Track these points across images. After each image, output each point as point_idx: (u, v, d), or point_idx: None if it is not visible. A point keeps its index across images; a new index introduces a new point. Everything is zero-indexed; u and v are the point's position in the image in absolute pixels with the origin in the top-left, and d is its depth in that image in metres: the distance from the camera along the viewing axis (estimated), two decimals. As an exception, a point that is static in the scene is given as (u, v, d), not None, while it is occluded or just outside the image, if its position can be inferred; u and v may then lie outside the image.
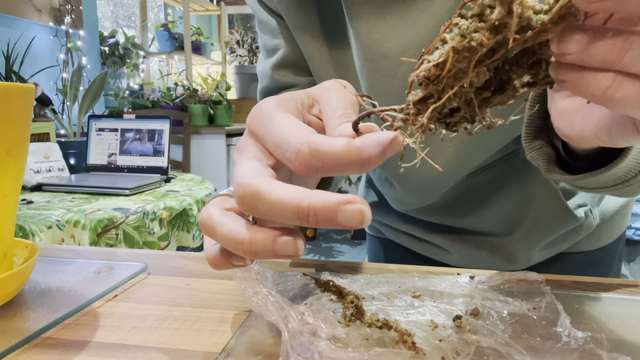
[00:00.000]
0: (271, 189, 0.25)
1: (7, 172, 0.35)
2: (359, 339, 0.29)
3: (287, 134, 0.26)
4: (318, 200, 0.23)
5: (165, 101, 2.83)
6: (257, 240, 0.25)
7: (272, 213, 0.25)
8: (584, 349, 0.28)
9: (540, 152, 0.39)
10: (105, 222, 1.22)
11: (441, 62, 0.23)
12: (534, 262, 0.61)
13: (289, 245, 0.25)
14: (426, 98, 0.24)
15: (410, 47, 0.47)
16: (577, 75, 0.22)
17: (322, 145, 0.24)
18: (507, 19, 0.21)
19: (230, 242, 0.26)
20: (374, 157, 0.24)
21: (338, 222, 0.23)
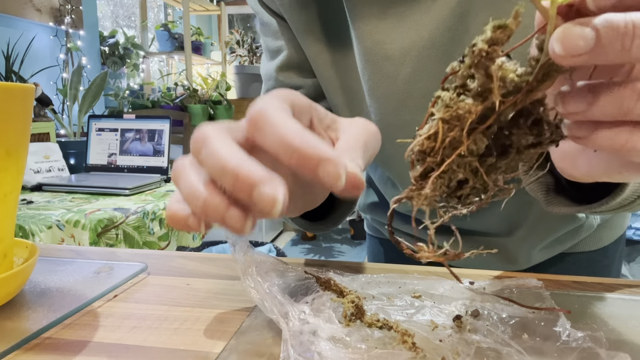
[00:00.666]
0: (218, 140, 0.25)
1: (7, 172, 0.35)
2: (359, 339, 0.29)
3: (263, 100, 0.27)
4: (245, 168, 0.23)
5: (165, 101, 2.83)
6: (213, 202, 0.25)
7: (208, 160, 0.25)
8: (583, 348, 0.28)
9: (539, 183, 0.39)
10: (105, 222, 1.22)
11: (432, 133, 0.23)
12: (535, 262, 0.61)
13: (239, 220, 0.25)
14: (426, 172, 0.24)
15: (412, 49, 0.46)
16: (591, 132, 0.22)
17: (275, 113, 0.25)
18: (489, 84, 0.22)
19: (188, 194, 0.26)
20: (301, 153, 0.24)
21: (252, 199, 0.23)
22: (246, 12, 4.23)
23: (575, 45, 0.20)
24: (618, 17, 0.19)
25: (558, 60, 0.21)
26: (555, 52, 0.20)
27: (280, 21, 0.56)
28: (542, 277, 0.41)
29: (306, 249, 3.44)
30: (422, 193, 0.24)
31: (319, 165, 0.24)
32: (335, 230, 3.93)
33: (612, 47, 0.19)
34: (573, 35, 0.20)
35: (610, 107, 0.21)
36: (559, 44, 0.20)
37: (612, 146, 0.21)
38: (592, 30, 0.19)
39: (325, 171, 0.23)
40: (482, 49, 0.21)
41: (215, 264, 0.48)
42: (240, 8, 4.08)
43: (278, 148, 0.24)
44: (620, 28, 0.19)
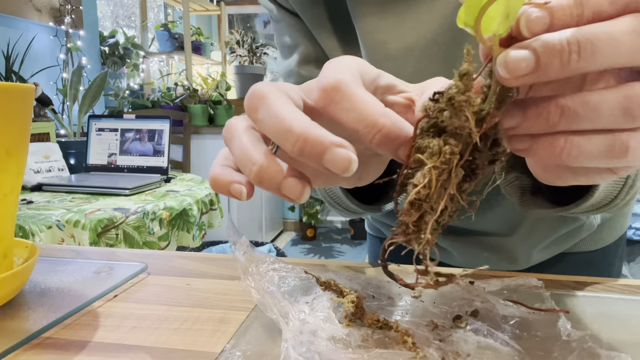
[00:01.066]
0: (280, 101, 0.24)
1: (7, 172, 0.35)
2: (359, 339, 0.29)
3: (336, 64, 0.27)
4: (315, 131, 0.23)
5: (165, 101, 2.83)
6: (270, 168, 0.24)
7: (268, 121, 0.24)
8: (583, 348, 0.28)
9: (514, 186, 0.40)
10: (105, 222, 1.22)
11: (427, 182, 0.24)
12: (535, 262, 0.61)
13: (297, 187, 0.24)
14: (422, 216, 0.25)
15: (414, 49, 0.46)
16: (530, 144, 0.23)
17: (352, 85, 0.25)
18: (466, 124, 0.24)
19: (244, 157, 0.25)
20: (386, 130, 0.25)
21: (323, 161, 0.23)
22: (246, 12, 4.23)
23: (518, 68, 0.21)
24: (552, 36, 0.21)
25: (505, 83, 0.22)
26: (502, 76, 0.22)
27: (294, 17, 0.56)
28: (542, 277, 0.41)
29: (306, 249, 3.44)
30: (424, 238, 0.25)
31: (402, 146, 0.24)
32: (335, 230, 3.94)
33: (552, 64, 0.21)
34: (514, 58, 0.21)
35: (538, 122, 0.22)
36: (503, 68, 0.22)
37: (550, 156, 0.23)
38: (530, 52, 0.21)
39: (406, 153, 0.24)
40: (462, 100, 0.23)
41: (215, 264, 0.48)
42: (240, 8, 4.08)
43: (358, 124, 0.24)
44: (556, 45, 0.21)
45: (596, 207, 0.37)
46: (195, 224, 1.51)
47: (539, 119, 0.22)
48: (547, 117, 0.22)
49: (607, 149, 0.22)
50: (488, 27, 0.22)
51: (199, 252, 0.60)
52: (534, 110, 0.22)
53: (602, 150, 0.22)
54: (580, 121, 0.22)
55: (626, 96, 0.21)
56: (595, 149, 0.22)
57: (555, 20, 0.21)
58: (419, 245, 0.25)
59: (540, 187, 0.41)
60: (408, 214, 0.25)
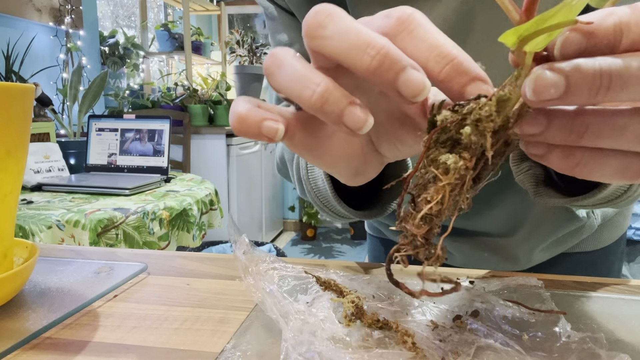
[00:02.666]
0: (350, 19, 0.24)
1: (7, 172, 0.35)
2: (359, 339, 0.29)
3: None
4: (393, 47, 0.22)
5: (165, 101, 2.83)
6: (337, 89, 0.23)
7: (340, 37, 0.23)
8: (582, 348, 0.28)
9: (527, 174, 0.40)
10: (105, 222, 1.22)
11: (440, 198, 0.24)
12: (536, 263, 0.61)
13: (362, 114, 0.23)
14: (431, 229, 0.25)
15: None
16: (545, 152, 0.24)
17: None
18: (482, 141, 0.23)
19: (303, 79, 0.23)
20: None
21: (396, 80, 0.22)
22: (246, 12, 4.23)
23: (546, 92, 0.21)
24: (588, 63, 0.20)
25: (529, 103, 0.22)
26: (527, 97, 0.21)
27: (290, 16, 0.56)
28: (542, 277, 0.41)
29: (306, 249, 3.44)
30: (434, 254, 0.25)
31: (472, 81, 0.23)
32: (335, 230, 3.94)
33: (580, 93, 0.20)
34: (545, 83, 0.21)
35: (560, 134, 0.22)
36: (531, 91, 0.21)
37: (564, 167, 0.23)
38: (563, 78, 0.20)
39: (476, 86, 0.23)
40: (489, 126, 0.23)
41: (215, 264, 0.48)
42: (240, 8, 4.08)
43: (430, 53, 0.23)
44: (589, 75, 0.20)
45: (609, 199, 0.37)
46: (195, 224, 1.52)
47: (562, 131, 0.22)
48: (571, 131, 0.22)
49: (622, 170, 0.22)
50: (530, 44, 0.21)
51: (199, 252, 0.60)
52: (558, 122, 0.22)
53: (615, 171, 0.22)
54: (602, 140, 0.22)
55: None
56: (609, 169, 0.22)
57: (590, 45, 0.21)
58: (427, 261, 0.25)
59: (553, 178, 0.41)
60: (418, 226, 0.25)
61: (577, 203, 0.37)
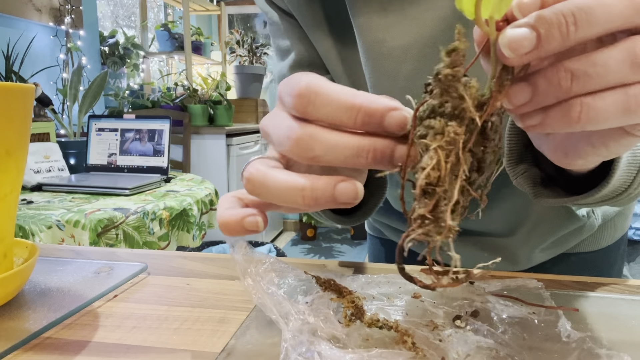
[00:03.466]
0: (329, 132, 0.26)
1: (7, 172, 0.35)
2: (359, 339, 0.29)
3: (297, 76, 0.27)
4: (378, 140, 0.26)
5: (165, 101, 2.83)
6: (319, 185, 0.26)
7: (330, 153, 0.26)
8: (582, 348, 0.28)
9: (525, 177, 0.40)
10: (105, 222, 1.22)
11: (436, 163, 0.24)
12: (536, 263, 0.61)
13: (350, 189, 0.25)
14: (437, 204, 0.24)
15: (412, 47, 0.46)
16: (543, 116, 0.23)
17: (322, 82, 0.26)
18: (461, 104, 0.23)
19: (289, 191, 0.26)
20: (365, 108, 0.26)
21: (392, 161, 0.26)
22: (246, 12, 4.23)
23: (521, 45, 0.21)
24: (547, 11, 0.21)
25: (509, 63, 0.22)
26: (506, 56, 0.22)
27: (289, 19, 0.56)
28: (542, 277, 0.41)
29: (306, 249, 3.44)
30: (445, 226, 0.24)
31: (385, 115, 0.25)
32: (335, 230, 3.93)
33: (552, 37, 0.21)
34: (516, 37, 0.22)
35: (550, 90, 0.22)
36: (507, 48, 0.22)
37: (568, 123, 0.23)
38: (530, 28, 0.21)
39: (392, 119, 0.25)
40: (447, 73, 0.23)
41: (215, 264, 0.48)
42: (240, 8, 4.08)
43: (340, 113, 0.25)
44: (553, 19, 0.21)
45: (610, 197, 0.37)
46: (195, 224, 1.51)
47: (551, 87, 0.22)
48: (559, 84, 0.22)
49: (623, 104, 0.22)
50: (485, 11, 0.22)
51: (199, 252, 0.60)
52: (543, 81, 0.22)
53: (618, 107, 0.22)
54: (591, 81, 0.22)
55: (630, 48, 0.21)
56: (611, 106, 0.22)
57: (546, 2, 0.22)
58: (440, 235, 0.24)
59: (552, 178, 0.41)
60: (422, 203, 0.24)
61: (577, 202, 0.37)
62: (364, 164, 0.26)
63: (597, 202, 0.37)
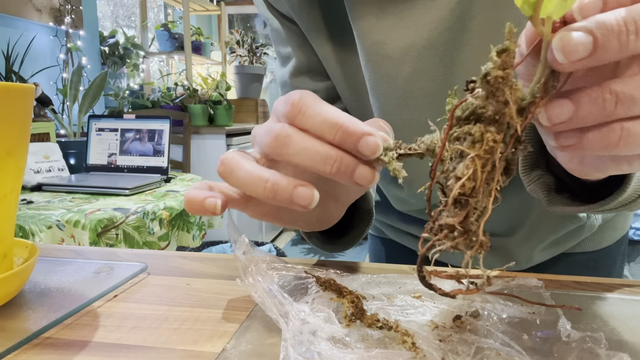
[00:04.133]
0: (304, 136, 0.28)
1: (7, 172, 0.35)
2: (359, 339, 0.29)
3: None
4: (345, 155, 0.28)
5: (165, 101, 2.83)
6: (281, 181, 0.28)
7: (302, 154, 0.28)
8: (582, 348, 0.28)
9: (539, 184, 0.39)
10: (105, 222, 1.22)
11: (472, 173, 0.22)
12: (536, 262, 0.61)
13: (307, 194, 0.28)
14: (468, 215, 0.23)
15: (411, 49, 0.46)
16: (580, 138, 0.22)
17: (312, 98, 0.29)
18: (503, 109, 0.22)
19: (253, 180, 0.28)
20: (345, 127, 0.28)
21: (353, 177, 0.28)
22: (246, 12, 4.23)
23: (576, 51, 0.20)
24: (608, 16, 0.20)
25: (559, 68, 0.21)
26: (557, 61, 0.21)
27: (290, 25, 0.56)
28: (542, 277, 0.41)
29: (306, 249, 3.44)
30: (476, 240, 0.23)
31: (361, 138, 0.27)
32: (335, 230, 3.93)
33: (610, 46, 0.20)
34: (572, 42, 0.20)
35: (594, 111, 0.21)
36: (560, 52, 0.20)
37: (606, 147, 0.22)
38: (587, 34, 0.20)
39: (366, 143, 0.27)
40: (497, 75, 0.22)
41: (215, 264, 0.48)
42: (240, 8, 4.08)
43: (322, 127, 0.28)
44: (614, 26, 0.20)
45: (624, 203, 0.36)
46: (195, 224, 1.51)
47: (594, 108, 0.21)
48: (604, 106, 0.21)
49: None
50: (545, 9, 0.21)
51: (199, 252, 0.60)
52: (587, 101, 0.21)
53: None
54: (636, 106, 0.21)
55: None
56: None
57: (609, 3, 0.20)
58: (470, 250, 0.23)
59: (565, 184, 0.40)
60: (453, 213, 0.23)
61: (594, 209, 0.36)
62: (328, 173, 0.28)
63: (612, 209, 0.37)
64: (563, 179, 0.40)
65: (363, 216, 0.45)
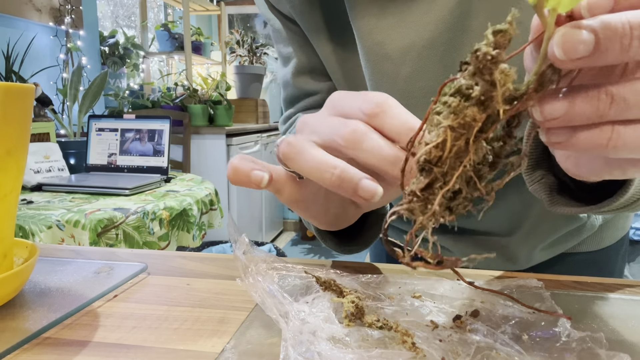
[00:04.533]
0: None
1: (7, 172, 0.35)
2: (359, 339, 0.29)
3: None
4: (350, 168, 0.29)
5: (165, 101, 2.83)
6: (349, 170, 0.28)
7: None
8: (582, 348, 0.28)
9: (541, 184, 0.39)
10: (105, 222, 1.22)
11: (441, 142, 0.22)
12: (536, 262, 0.61)
13: (373, 187, 0.28)
14: (431, 184, 0.23)
15: (411, 49, 0.46)
16: (570, 136, 0.22)
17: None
18: (491, 91, 0.21)
19: (322, 164, 0.29)
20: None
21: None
22: (246, 12, 4.23)
23: (575, 49, 0.20)
24: (614, 17, 0.19)
25: (558, 64, 0.21)
26: (556, 57, 0.20)
27: (291, 26, 0.56)
28: (542, 277, 0.41)
29: (306, 249, 3.44)
30: (430, 209, 0.23)
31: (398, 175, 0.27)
32: (335, 230, 3.93)
33: (612, 48, 0.19)
34: (573, 39, 0.20)
35: (586, 111, 0.21)
36: (560, 48, 0.20)
37: (595, 147, 0.22)
38: (591, 33, 0.20)
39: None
40: (487, 52, 0.21)
41: (215, 264, 0.48)
42: (240, 8, 4.08)
43: (400, 130, 0.29)
44: (618, 29, 0.19)
45: (625, 205, 0.36)
46: (195, 224, 1.51)
47: (588, 107, 0.21)
48: (597, 106, 0.21)
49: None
50: (549, 1, 0.20)
51: (199, 252, 0.60)
52: (582, 99, 0.21)
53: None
54: (629, 110, 0.20)
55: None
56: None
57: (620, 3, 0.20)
58: (422, 216, 0.23)
59: (568, 185, 0.40)
60: (416, 180, 0.23)
61: (594, 211, 0.36)
62: (395, 176, 0.28)
63: (614, 210, 0.36)
64: (564, 180, 0.40)
65: (378, 220, 0.45)
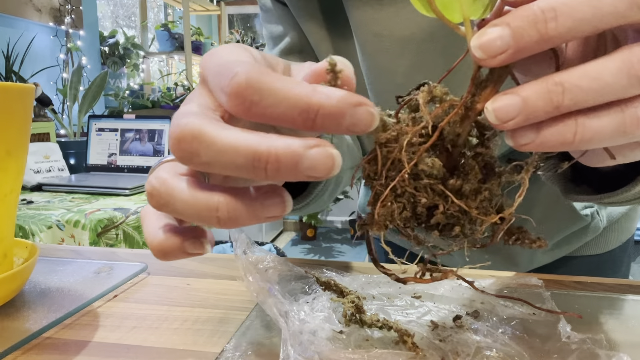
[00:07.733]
0: (219, 130, 0.20)
1: (7, 172, 0.35)
2: (359, 339, 0.29)
3: (231, 61, 0.21)
4: (279, 143, 0.19)
5: (165, 101, 2.83)
6: (238, 204, 0.21)
7: (219, 160, 0.20)
8: (582, 349, 0.28)
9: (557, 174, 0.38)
10: (105, 222, 1.22)
11: (372, 157, 0.24)
12: (538, 265, 0.60)
13: (279, 204, 0.22)
14: (377, 196, 0.24)
15: (410, 41, 0.45)
16: (536, 135, 0.21)
17: (266, 75, 0.20)
18: (418, 106, 0.24)
19: (200, 210, 0.21)
20: (325, 108, 0.19)
21: (301, 171, 0.19)
22: (246, 12, 4.23)
23: (493, 46, 0.20)
24: (525, 7, 0.19)
25: (483, 64, 0.21)
26: (478, 58, 0.20)
27: (283, 7, 0.55)
28: (542, 277, 0.41)
29: (306, 249, 3.44)
30: (375, 213, 0.24)
31: (346, 114, 0.19)
32: (335, 230, 3.93)
33: (528, 35, 0.19)
34: (488, 37, 0.20)
35: (540, 105, 0.20)
36: (478, 48, 0.20)
37: (562, 143, 0.21)
38: (505, 27, 0.19)
39: (357, 118, 0.20)
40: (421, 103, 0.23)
41: (215, 264, 0.48)
42: (240, 8, 4.08)
43: (292, 113, 0.19)
44: (530, 16, 0.19)
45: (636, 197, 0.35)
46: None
47: (541, 101, 0.20)
48: (550, 97, 0.20)
49: (619, 125, 0.20)
50: (454, 13, 0.21)
51: (199, 252, 0.60)
52: (532, 94, 0.20)
53: (614, 128, 0.20)
54: (584, 95, 0.19)
55: (625, 58, 0.19)
56: (607, 127, 0.20)
57: None
58: (372, 228, 0.25)
59: (583, 174, 0.40)
60: (371, 199, 0.25)
61: (608, 199, 0.35)
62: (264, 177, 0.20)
63: (630, 200, 0.35)
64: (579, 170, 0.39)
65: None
